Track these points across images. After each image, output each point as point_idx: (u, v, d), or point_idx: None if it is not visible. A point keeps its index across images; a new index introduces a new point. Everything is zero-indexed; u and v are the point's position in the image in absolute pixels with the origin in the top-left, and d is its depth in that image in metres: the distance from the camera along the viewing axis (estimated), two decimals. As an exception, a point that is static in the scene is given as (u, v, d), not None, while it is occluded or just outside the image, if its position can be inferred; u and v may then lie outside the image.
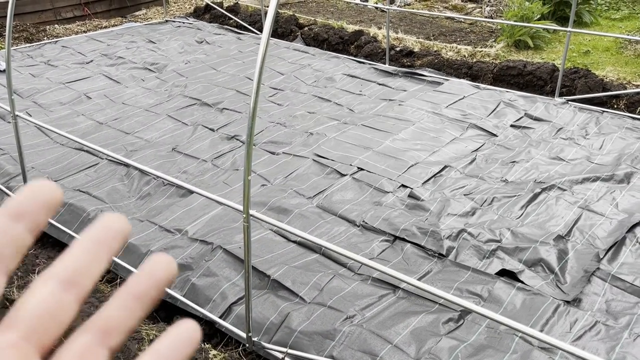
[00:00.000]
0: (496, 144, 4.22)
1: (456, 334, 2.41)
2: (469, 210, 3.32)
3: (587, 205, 3.35)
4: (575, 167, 3.83)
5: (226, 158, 4.03)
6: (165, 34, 7.13)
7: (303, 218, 3.26)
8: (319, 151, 4.04)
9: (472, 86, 5.32)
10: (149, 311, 0.34)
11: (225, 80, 5.54)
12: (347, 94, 5.23)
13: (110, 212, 0.36)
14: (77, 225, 3.24)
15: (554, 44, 6.75)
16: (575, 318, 2.50)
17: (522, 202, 3.36)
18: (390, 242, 3.06)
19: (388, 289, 2.69)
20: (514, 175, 3.75)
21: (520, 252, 2.90)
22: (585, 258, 2.85)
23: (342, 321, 2.45)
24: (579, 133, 4.40)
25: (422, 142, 4.20)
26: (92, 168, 3.87)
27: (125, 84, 5.47)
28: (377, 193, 3.54)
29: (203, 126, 4.49)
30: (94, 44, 6.70)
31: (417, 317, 2.47)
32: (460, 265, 2.84)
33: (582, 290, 2.68)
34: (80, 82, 5.47)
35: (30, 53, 6.39)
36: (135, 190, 3.61)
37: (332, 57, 6.30)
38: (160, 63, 5.96)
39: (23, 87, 5.28)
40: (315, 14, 8.42)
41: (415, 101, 4.98)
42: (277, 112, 4.82)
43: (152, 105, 4.94)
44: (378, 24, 7.72)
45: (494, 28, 7.48)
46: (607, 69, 5.81)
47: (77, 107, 4.94)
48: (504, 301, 2.59)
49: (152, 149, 4.13)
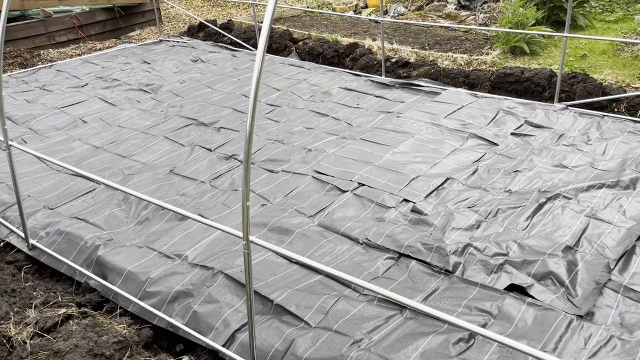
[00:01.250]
0: (497, 153, 4.16)
1: (467, 354, 2.34)
2: (474, 223, 3.25)
3: (594, 213, 3.29)
4: (579, 174, 3.77)
5: (224, 178, 3.97)
6: (160, 54, 7.11)
7: (305, 238, 3.19)
8: (318, 167, 3.99)
9: (470, 95, 5.28)
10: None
11: (221, 99, 5.50)
12: (345, 108, 5.19)
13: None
14: (74, 254, 3.17)
15: (550, 49, 6.73)
16: (589, 333, 2.42)
17: (527, 213, 3.30)
18: (395, 259, 2.99)
19: (395, 309, 2.62)
20: (517, 185, 3.69)
21: (529, 265, 2.83)
22: (595, 269, 2.78)
23: (349, 346, 2.37)
24: (580, 139, 4.35)
25: (423, 154, 4.14)
26: (89, 194, 3.82)
27: (120, 106, 5.43)
28: (379, 209, 3.48)
29: (200, 146, 4.44)
30: (89, 67, 6.68)
31: (427, 339, 2.40)
32: (468, 281, 2.77)
33: (595, 303, 2.61)
34: (75, 106, 5.43)
35: (25, 78, 6.36)
36: (133, 215, 3.55)
37: (328, 70, 6.27)
38: (155, 84, 5.93)
39: (18, 113, 5.24)
40: (309, 28, 8.42)
41: (414, 112, 4.93)
42: (274, 129, 4.77)
43: (148, 127, 4.90)
44: (372, 35, 7.71)
45: (489, 35, 7.46)
46: (605, 72, 5.77)
47: (72, 131, 4.90)
48: (514, 318, 2.52)
49: (149, 171, 4.07)
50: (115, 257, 3.07)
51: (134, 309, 2.77)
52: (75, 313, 2.56)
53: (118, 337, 2.28)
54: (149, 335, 2.60)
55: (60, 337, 2.31)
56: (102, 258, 3.07)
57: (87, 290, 2.98)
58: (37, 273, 3.21)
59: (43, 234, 3.37)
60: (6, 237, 3.46)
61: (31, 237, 3.34)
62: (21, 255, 3.31)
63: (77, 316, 2.56)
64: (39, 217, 3.52)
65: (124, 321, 2.60)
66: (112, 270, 3.00)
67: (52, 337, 2.37)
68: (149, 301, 2.78)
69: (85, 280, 3.03)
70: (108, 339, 2.22)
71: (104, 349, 2.19)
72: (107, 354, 2.15)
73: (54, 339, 2.34)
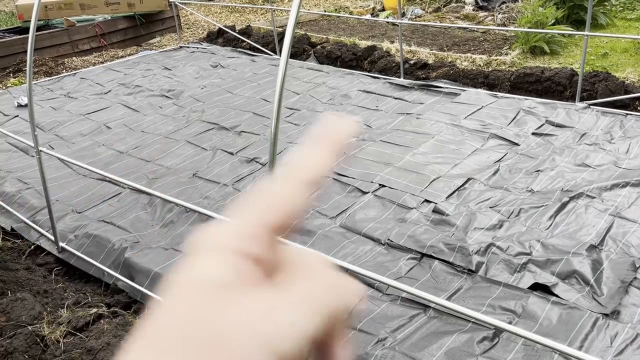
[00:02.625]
0: (519, 153, 4.15)
1: (492, 353, 2.35)
2: (496, 223, 3.25)
3: (619, 212, 3.26)
4: (602, 173, 3.74)
5: (247, 181, 4.03)
6: (180, 60, 7.22)
7: (327, 239, 3.22)
8: (338, 169, 4.02)
9: (490, 95, 5.26)
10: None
11: (242, 103, 5.57)
12: (364, 110, 5.22)
13: None
14: (102, 256, 3.25)
15: (571, 48, 6.67)
16: (615, 331, 2.41)
17: (550, 212, 3.29)
18: (418, 259, 3.00)
19: (419, 308, 2.63)
20: (539, 184, 3.68)
21: (552, 264, 2.82)
22: (620, 268, 2.76)
23: (373, 344, 2.39)
24: (603, 138, 4.31)
25: (443, 155, 4.15)
26: (115, 198, 3.90)
27: (143, 112, 5.53)
28: (401, 210, 3.50)
29: (222, 150, 4.51)
30: (112, 74, 6.81)
31: (451, 337, 2.41)
32: (491, 280, 2.78)
33: (620, 302, 2.59)
34: (99, 112, 5.55)
35: (50, 86, 6.52)
36: (158, 218, 3.62)
37: (347, 73, 6.31)
38: (176, 89, 6.03)
39: (45, 120, 5.38)
40: (327, 32, 8.47)
41: (433, 114, 4.94)
42: (294, 132, 4.82)
43: (170, 132, 4.99)
44: (390, 38, 7.72)
45: (507, 35, 7.43)
46: (627, 70, 5.71)
47: (97, 137, 5.01)
48: (539, 317, 2.52)
49: (173, 175, 4.15)
50: (142, 259, 3.14)
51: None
52: (106, 313, 2.63)
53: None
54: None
55: (92, 336, 2.38)
56: (130, 260, 3.14)
57: (115, 291, 3.05)
58: (67, 275, 3.30)
59: (72, 237, 3.46)
60: (37, 241, 3.56)
61: (60, 240, 3.43)
62: (51, 258, 3.41)
63: (107, 315, 2.62)
64: (68, 221, 3.62)
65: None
66: (139, 271, 3.07)
67: (85, 335, 2.44)
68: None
69: (113, 281, 3.10)
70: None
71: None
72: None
73: (86, 337, 2.41)
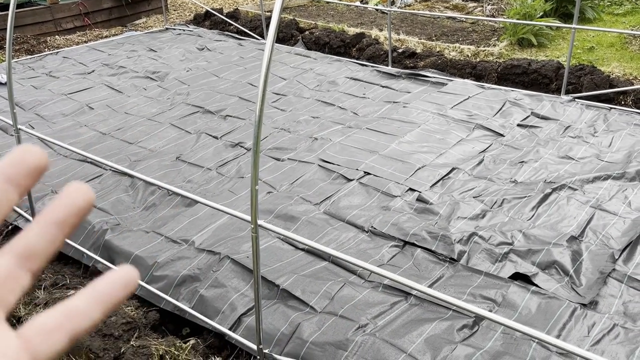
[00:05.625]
0: (504, 144, 4.16)
1: (471, 340, 2.36)
2: (479, 212, 3.27)
3: (599, 204, 3.30)
4: (585, 165, 3.77)
5: (231, 166, 3.99)
6: (166, 42, 7.10)
7: (310, 225, 3.21)
8: (324, 156, 4.00)
9: (477, 86, 5.27)
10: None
11: (228, 87, 5.51)
12: (351, 98, 5.19)
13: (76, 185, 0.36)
14: (82, 238, 3.20)
15: (558, 41, 6.70)
16: (592, 321, 2.44)
17: (532, 203, 3.31)
18: (400, 247, 3.01)
19: (400, 295, 2.64)
20: (523, 175, 3.70)
21: (533, 254, 2.85)
22: (600, 259, 2.80)
23: (354, 330, 2.40)
24: (587, 131, 4.34)
25: (429, 145, 4.15)
26: (97, 179, 3.84)
27: (127, 93, 5.44)
28: (385, 197, 3.50)
29: (206, 134, 4.46)
30: (95, 54, 6.68)
31: (431, 325, 2.42)
32: (473, 269, 2.79)
33: (599, 293, 2.62)
34: (82, 92, 5.45)
35: (32, 65, 6.37)
36: (140, 200, 3.58)
37: (334, 60, 6.26)
38: (161, 71, 5.94)
39: (25, 99, 5.26)
40: (316, 18, 8.39)
41: (420, 103, 4.93)
42: (280, 117, 4.78)
43: (154, 114, 4.91)
44: (379, 25, 7.68)
45: (496, 26, 7.43)
46: (612, 64, 5.75)
47: (79, 118, 4.92)
48: (518, 306, 2.54)
49: (155, 158, 4.09)
50: (122, 241, 3.10)
51: (141, 292, 2.80)
52: (84, 295, 2.59)
53: (126, 318, 2.31)
54: (155, 318, 2.63)
55: (69, 318, 2.34)
56: (110, 242, 3.10)
57: (94, 273, 3.01)
58: (45, 256, 3.24)
59: (51, 218, 3.40)
60: (14, 221, 3.49)
61: (39, 220, 3.37)
62: (29, 239, 3.34)
63: (85, 298, 2.59)
64: (47, 202, 3.55)
65: (131, 304, 2.63)
66: (119, 254, 3.03)
67: (61, 318, 2.40)
68: (156, 285, 2.81)
69: (92, 263, 3.06)
70: (117, 320, 2.25)
71: (112, 329, 2.22)
72: (116, 334, 2.18)
73: (63, 319, 2.37)
